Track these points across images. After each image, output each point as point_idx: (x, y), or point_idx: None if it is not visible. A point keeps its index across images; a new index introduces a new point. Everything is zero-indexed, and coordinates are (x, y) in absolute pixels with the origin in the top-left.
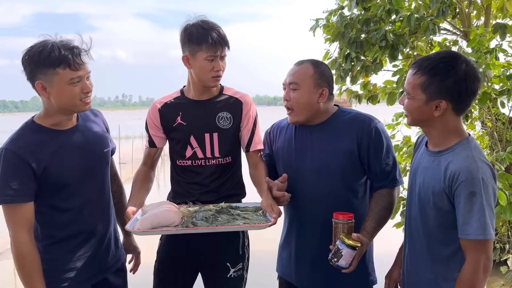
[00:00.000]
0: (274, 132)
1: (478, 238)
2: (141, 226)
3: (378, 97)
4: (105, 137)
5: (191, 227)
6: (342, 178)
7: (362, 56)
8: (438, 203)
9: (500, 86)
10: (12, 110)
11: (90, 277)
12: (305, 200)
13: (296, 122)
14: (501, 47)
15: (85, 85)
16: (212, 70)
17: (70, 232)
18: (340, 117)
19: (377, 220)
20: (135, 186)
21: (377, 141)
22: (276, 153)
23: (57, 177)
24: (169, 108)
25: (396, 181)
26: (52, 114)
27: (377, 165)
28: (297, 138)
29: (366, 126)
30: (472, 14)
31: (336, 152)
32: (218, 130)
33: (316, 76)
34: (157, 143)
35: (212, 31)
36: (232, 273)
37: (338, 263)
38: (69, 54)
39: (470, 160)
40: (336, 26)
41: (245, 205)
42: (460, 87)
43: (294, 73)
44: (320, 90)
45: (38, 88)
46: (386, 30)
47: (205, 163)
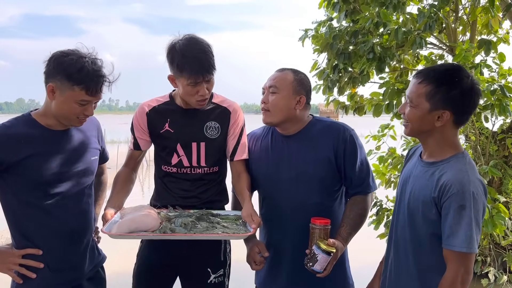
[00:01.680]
0: (250, 142)
1: (462, 250)
2: (118, 229)
3: (365, 109)
4: (94, 146)
5: (168, 233)
6: (320, 186)
7: (350, 67)
8: (427, 212)
9: (484, 101)
10: None
11: (61, 283)
12: (283, 209)
13: (270, 123)
14: (485, 63)
15: (90, 109)
16: (196, 94)
17: (44, 232)
18: (315, 126)
19: (352, 226)
20: (116, 187)
21: (352, 148)
22: (252, 162)
23: (34, 174)
24: (157, 114)
25: (370, 187)
26: (49, 115)
27: (352, 172)
28: (273, 147)
29: (341, 134)
30: (458, 29)
31: (314, 160)
32: (205, 139)
33: (295, 83)
34: (142, 146)
35: (194, 58)
36: (213, 279)
37: (313, 268)
38: (94, 81)
39: (463, 173)
40: (325, 37)
41: (226, 213)
42: (465, 99)
43: (274, 78)
44: (298, 97)
45: (48, 89)
46: (373, 43)
47: (191, 171)
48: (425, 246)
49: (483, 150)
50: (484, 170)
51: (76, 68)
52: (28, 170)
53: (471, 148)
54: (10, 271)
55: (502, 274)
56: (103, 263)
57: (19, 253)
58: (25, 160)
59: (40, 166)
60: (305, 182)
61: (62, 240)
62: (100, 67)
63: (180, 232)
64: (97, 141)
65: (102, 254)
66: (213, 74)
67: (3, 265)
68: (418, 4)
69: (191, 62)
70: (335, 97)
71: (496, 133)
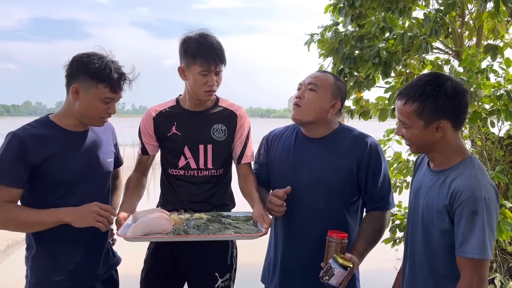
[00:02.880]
0: (271, 140)
1: (474, 257)
2: (133, 232)
3: (370, 113)
4: (110, 149)
5: (183, 235)
6: (339, 195)
7: (355, 72)
8: (441, 221)
9: (491, 106)
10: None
11: (76, 284)
12: (299, 213)
13: (299, 120)
14: (492, 68)
15: (112, 107)
16: (205, 84)
17: (60, 233)
18: (342, 133)
19: (368, 242)
20: (127, 192)
21: (377, 163)
22: (273, 161)
23: (55, 174)
24: (164, 117)
25: (389, 204)
26: (69, 116)
27: (374, 187)
28: (296, 149)
29: (367, 147)
30: (465, 34)
31: (336, 169)
32: (212, 141)
33: (335, 88)
34: (150, 151)
35: (209, 46)
36: (220, 283)
37: (329, 282)
38: (116, 78)
39: (473, 179)
40: (331, 42)
41: (236, 214)
42: (454, 103)
43: (316, 76)
44: (334, 101)
45: (72, 90)
46: (379, 47)
47: (198, 174)
48: (440, 257)
49: (489, 155)
50: (490, 175)
51: (99, 67)
52: (48, 171)
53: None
54: (95, 222)
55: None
56: (118, 266)
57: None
58: (46, 161)
59: (60, 167)
60: (323, 189)
61: (78, 241)
62: (120, 65)
63: (193, 233)
64: (112, 144)
65: (117, 256)
66: (223, 65)
67: (89, 215)
68: (424, 9)
69: (206, 49)
70: None
71: (503, 138)
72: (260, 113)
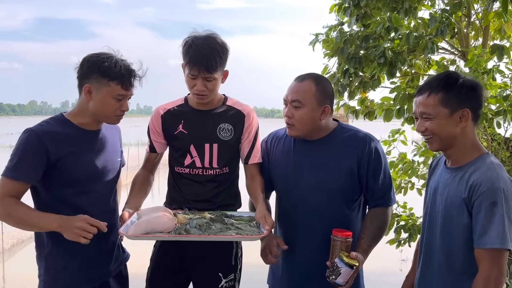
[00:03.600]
0: (271, 142)
1: (494, 247)
2: (135, 231)
3: (375, 113)
4: (118, 148)
5: (184, 235)
6: (341, 195)
7: (361, 72)
8: (460, 216)
9: (497, 107)
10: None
11: (89, 280)
12: (302, 214)
13: (296, 136)
14: (498, 68)
15: (125, 104)
16: (193, 87)
17: None
18: (340, 134)
19: (372, 238)
20: (134, 188)
21: (377, 161)
22: (273, 163)
23: (70, 171)
24: (172, 116)
25: (391, 200)
26: (84, 115)
27: (375, 184)
28: (296, 151)
29: (366, 145)
30: (471, 34)
31: (336, 169)
32: (218, 141)
33: (319, 94)
34: (158, 149)
35: (198, 52)
36: (223, 284)
37: (336, 281)
38: (127, 75)
39: (491, 171)
40: (336, 42)
41: (239, 214)
42: (476, 94)
43: (296, 90)
44: (323, 107)
45: (85, 90)
46: (385, 47)
47: (203, 173)
48: (459, 254)
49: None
50: None
51: (110, 65)
52: (64, 168)
53: None
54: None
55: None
56: (127, 261)
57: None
58: (62, 159)
59: (74, 164)
60: (324, 190)
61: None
62: (129, 63)
63: (195, 233)
64: (119, 144)
65: (126, 252)
66: (211, 73)
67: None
68: (430, 9)
69: (193, 53)
70: (345, 102)
71: (509, 139)
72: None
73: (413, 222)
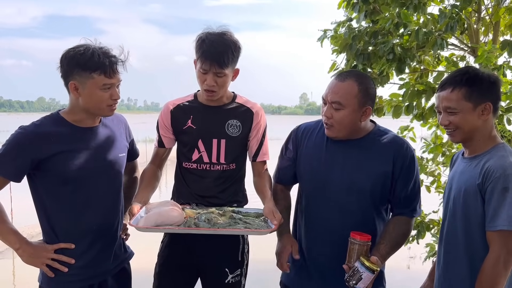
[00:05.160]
0: (302, 134)
1: (503, 228)
2: (145, 223)
3: (384, 110)
4: (122, 143)
5: (193, 228)
6: (371, 198)
7: (369, 68)
8: (474, 202)
9: (507, 103)
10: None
11: (88, 278)
12: (329, 213)
13: (334, 137)
14: (508, 64)
15: (115, 93)
16: (204, 83)
17: (71, 228)
18: (377, 136)
19: (392, 245)
20: (142, 183)
21: (410, 167)
22: (303, 157)
23: (63, 170)
24: (181, 111)
25: (416, 212)
26: (76, 112)
27: (403, 191)
28: (329, 148)
29: (403, 151)
30: (481, 30)
31: (370, 172)
32: (226, 137)
33: (361, 95)
34: (166, 144)
35: (210, 47)
36: (230, 279)
37: (357, 286)
38: (107, 62)
39: (505, 158)
40: (344, 38)
41: (246, 210)
42: (496, 87)
43: (337, 91)
44: (364, 108)
45: (71, 88)
46: (393, 44)
47: (210, 168)
48: (477, 240)
49: None
50: None
51: (87, 57)
52: (58, 166)
53: None
54: (43, 265)
55: None
56: (130, 260)
57: (52, 247)
58: (54, 157)
59: (69, 162)
60: (355, 191)
61: (89, 235)
62: (108, 48)
63: (204, 227)
64: (125, 138)
65: (129, 251)
66: (223, 68)
67: (37, 259)
68: (439, 5)
69: (206, 48)
70: None
71: None
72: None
73: (422, 219)
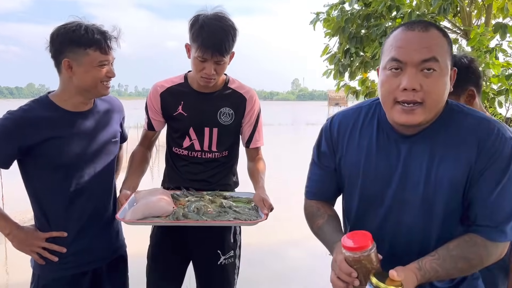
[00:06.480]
0: (339, 133)
1: None
2: (132, 216)
3: (376, 94)
4: (115, 128)
5: (181, 220)
6: (443, 214)
7: (362, 51)
8: None
9: (499, 86)
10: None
11: (79, 265)
12: (380, 232)
13: (419, 123)
14: (501, 47)
15: (110, 70)
16: (202, 71)
17: (62, 214)
18: (452, 120)
19: (445, 265)
20: (131, 167)
21: (503, 165)
22: (348, 167)
23: (54, 156)
24: (171, 95)
25: (506, 234)
26: (68, 94)
27: (487, 199)
28: (381, 147)
29: (496, 141)
30: (473, 13)
31: (445, 179)
32: (218, 125)
33: (450, 52)
34: (156, 127)
35: (210, 33)
36: (222, 261)
37: None
38: (101, 38)
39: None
40: (337, 21)
41: (238, 195)
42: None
43: (428, 44)
44: (451, 71)
45: (64, 65)
46: (386, 27)
47: (201, 156)
48: None
49: None
50: None
51: (80, 33)
52: (49, 153)
53: None
54: (33, 253)
55: None
56: (125, 248)
57: (44, 235)
58: (45, 143)
59: (60, 149)
60: (423, 206)
61: (81, 222)
62: (100, 25)
63: (192, 218)
64: (118, 123)
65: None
66: (224, 56)
67: (27, 247)
68: None
69: (205, 35)
70: (346, 82)
71: (510, 119)
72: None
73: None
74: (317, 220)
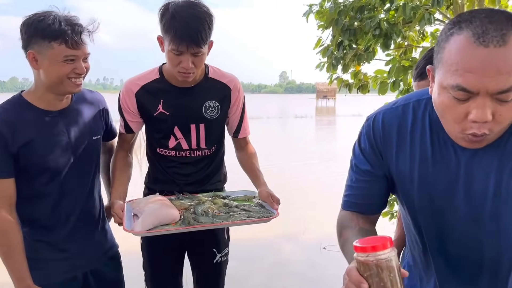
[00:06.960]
0: (386, 138)
1: None
2: (143, 227)
3: (369, 86)
4: (97, 124)
5: (197, 225)
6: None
7: (355, 44)
8: None
9: None
10: None
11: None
12: (450, 257)
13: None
14: None
15: (79, 66)
16: (178, 65)
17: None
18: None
19: None
20: (116, 175)
21: None
22: (402, 178)
23: (37, 160)
24: (148, 94)
25: None
26: (41, 91)
27: None
28: (438, 157)
29: None
30: (466, 4)
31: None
32: (205, 120)
33: None
34: (134, 129)
35: (183, 23)
36: (218, 258)
37: None
38: (69, 30)
39: None
40: (330, 13)
41: (235, 194)
42: None
43: (506, 67)
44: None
45: (30, 58)
46: (380, 19)
47: (190, 154)
48: None
49: None
50: None
51: (46, 24)
52: (28, 157)
53: None
54: None
55: None
56: (117, 249)
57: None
58: (23, 148)
59: (39, 153)
60: (491, 223)
61: (68, 225)
62: (74, 16)
63: (206, 221)
64: (100, 119)
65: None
66: (201, 47)
67: None
68: None
69: (178, 26)
70: (338, 75)
71: None
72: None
73: None
74: (345, 231)
